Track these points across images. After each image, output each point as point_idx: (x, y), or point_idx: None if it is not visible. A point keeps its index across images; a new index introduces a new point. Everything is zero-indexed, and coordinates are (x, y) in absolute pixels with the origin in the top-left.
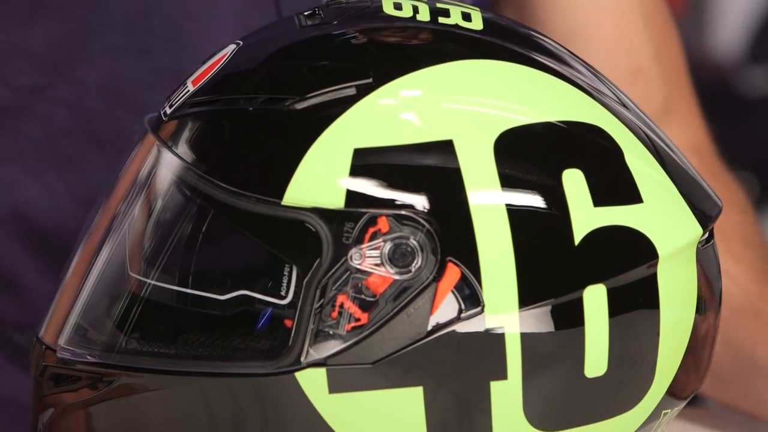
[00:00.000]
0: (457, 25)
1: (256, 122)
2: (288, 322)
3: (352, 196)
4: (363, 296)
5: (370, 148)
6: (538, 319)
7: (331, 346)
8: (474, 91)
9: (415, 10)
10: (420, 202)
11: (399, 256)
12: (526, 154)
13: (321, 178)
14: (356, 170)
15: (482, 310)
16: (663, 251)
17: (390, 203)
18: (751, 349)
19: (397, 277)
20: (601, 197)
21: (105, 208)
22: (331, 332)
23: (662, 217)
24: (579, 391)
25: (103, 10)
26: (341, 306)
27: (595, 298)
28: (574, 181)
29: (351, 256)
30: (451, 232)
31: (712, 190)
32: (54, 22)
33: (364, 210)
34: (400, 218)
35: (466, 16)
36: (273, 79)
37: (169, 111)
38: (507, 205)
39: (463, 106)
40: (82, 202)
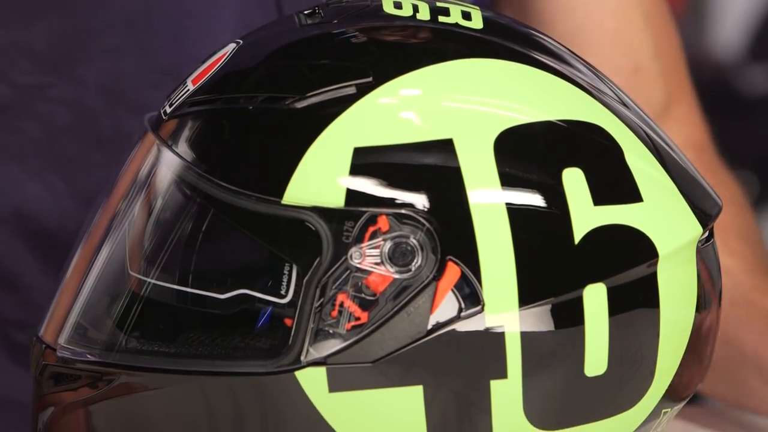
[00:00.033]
0: (457, 24)
1: (256, 121)
2: (288, 321)
3: (352, 195)
4: (363, 295)
5: (370, 147)
6: (538, 318)
7: (331, 345)
8: (474, 90)
9: (415, 9)
10: (420, 201)
11: (399, 255)
12: (526, 152)
13: (321, 177)
14: (356, 169)
15: (482, 309)
16: (663, 250)
17: (390, 202)
18: (739, 341)
19: (397, 276)
20: (601, 196)
21: (105, 207)
22: (331, 331)
23: (662, 216)
24: (579, 390)
25: (103, 9)
26: (341, 305)
27: (595, 297)
28: (574, 180)
29: (351, 255)
30: (451, 231)
31: (712, 189)
32: (54, 21)
33: (364, 209)
34: (400, 217)
35: (466, 15)
36: (273, 77)
37: (169, 110)
38: (507, 204)
39: (463, 105)
40: (83, 201)
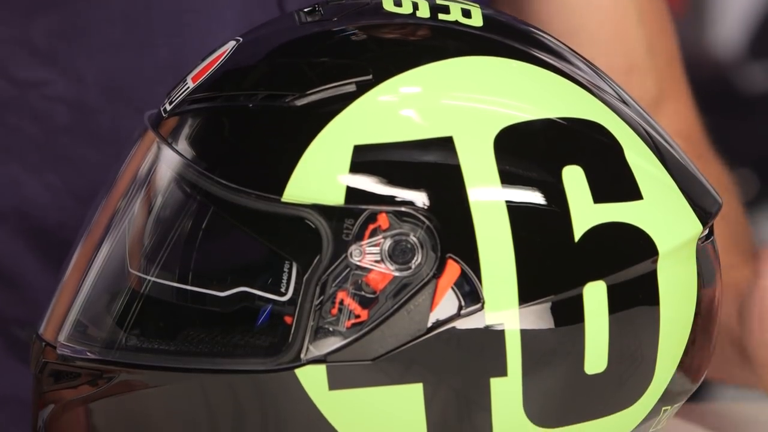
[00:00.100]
0: (456, 22)
1: (256, 119)
2: (288, 319)
3: (352, 193)
4: (363, 293)
5: (370, 145)
6: (538, 316)
7: (331, 343)
8: (474, 88)
9: (415, 7)
10: (420, 198)
11: (399, 253)
12: (526, 150)
13: (321, 175)
14: (356, 167)
15: (482, 307)
16: (663, 248)
17: (390, 200)
18: None
19: (397, 274)
20: (601, 194)
21: (105, 204)
22: (331, 329)
23: (662, 214)
24: (579, 388)
25: (102, 5)
26: (341, 303)
27: (595, 295)
28: (574, 178)
29: (351, 253)
30: (451, 229)
31: (712, 187)
32: (54, 16)
33: (364, 207)
34: (400, 215)
35: (466, 13)
36: (273, 75)
37: (168, 108)
38: (507, 201)
39: (463, 102)
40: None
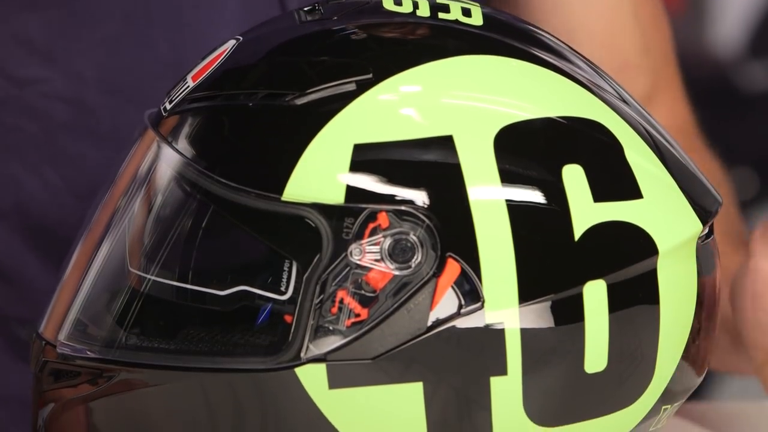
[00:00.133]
0: (456, 21)
1: (256, 118)
2: (288, 318)
3: (352, 192)
4: (363, 292)
5: (370, 144)
6: (538, 315)
7: (331, 342)
8: (474, 87)
9: (415, 6)
10: (420, 197)
11: (399, 252)
12: (526, 149)
13: (321, 174)
14: (356, 166)
15: (482, 306)
16: (663, 247)
17: (390, 199)
18: None
19: (397, 273)
20: (601, 193)
21: (105, 203)
22: (331, 328)
23: (662, 213)
24: (579, 387)
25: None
26: (341, 301)
27: (595, 294)
28: (574, 177)
29: (351, 252)
30: (451, 228)
31: (712, 186)
32: (52, 12)
33: (364, 205)
34: (400, 214)
35: (466, 12)
36: (273, 74)
37: (168, 106)
38: (507, 200)
39: (463, 101)
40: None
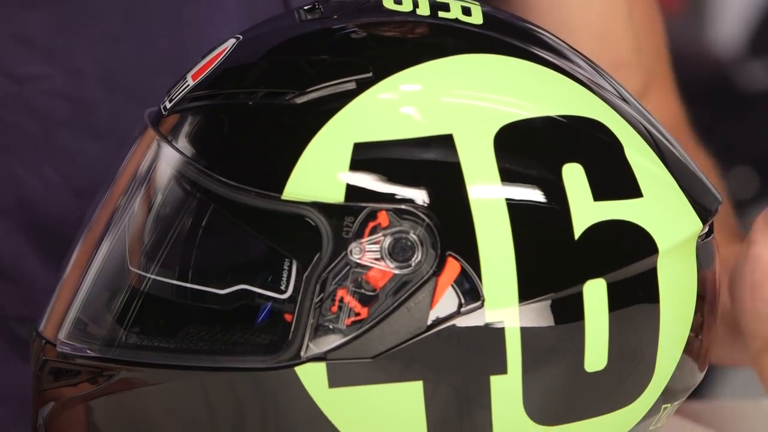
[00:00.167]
0: (456, 20)
1: (256, 117)
2: (288, 317)
3: (352, 191)
4: (363, 290)
5: (370, 143)
6: (538, 314)
7: (331, 341)
8: (474, 86)
9: (415, 5)
10: (420, 196)
11: (399, 251)
12: (526, 148)
13: (321, 173)
14: (356, 164)
15: (482, 305)
16: (663, 245)
17: (390, 197)
18: None
19: (397, 272)
20: (601, 191)
21: (105, 202)
22: (331, 326)
23: (662, 212)
24: (579, 386)
25: None
26: (341, 300)
27: (595, 293)
28: (574, 176)
29: (351, 251)
30: (451, 227)
31: (712, 185)
32: (52, 9)
33: (364, 204)
34: (400, 212)
35: (466, 11)
36: (273, 73)
37: (168, 105)
38: (507, 199)
39: (463, 100)
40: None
